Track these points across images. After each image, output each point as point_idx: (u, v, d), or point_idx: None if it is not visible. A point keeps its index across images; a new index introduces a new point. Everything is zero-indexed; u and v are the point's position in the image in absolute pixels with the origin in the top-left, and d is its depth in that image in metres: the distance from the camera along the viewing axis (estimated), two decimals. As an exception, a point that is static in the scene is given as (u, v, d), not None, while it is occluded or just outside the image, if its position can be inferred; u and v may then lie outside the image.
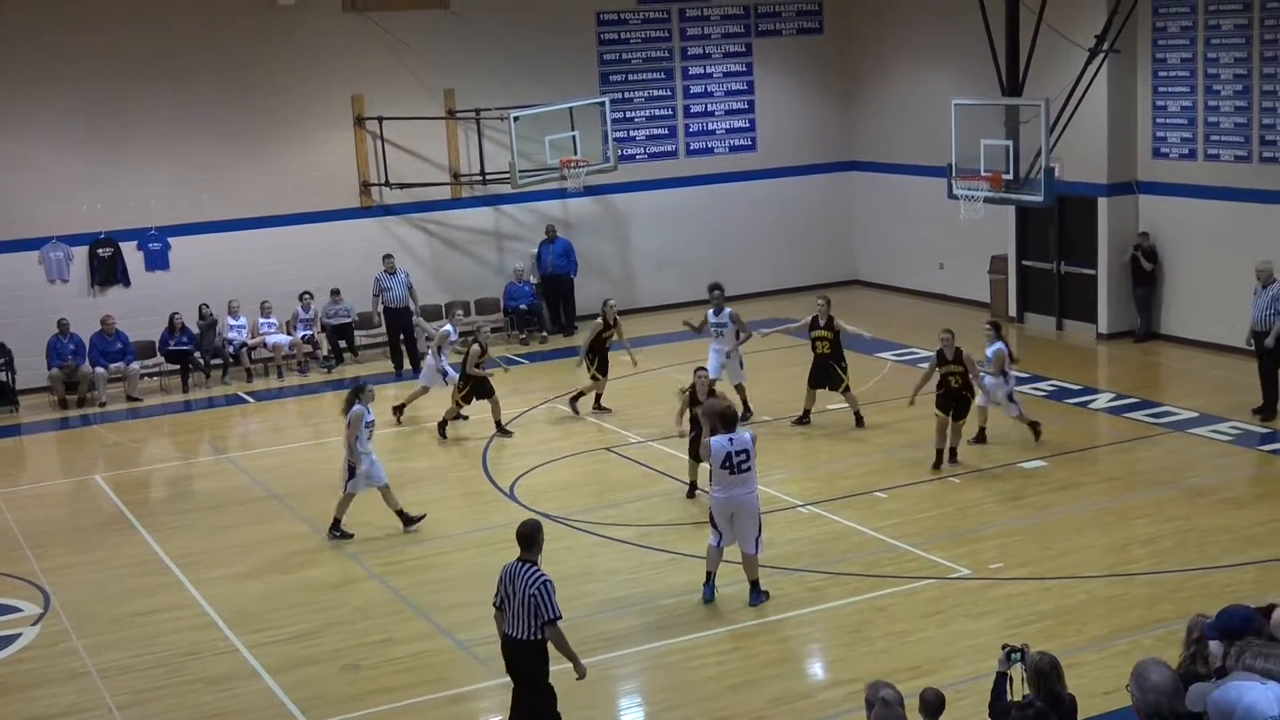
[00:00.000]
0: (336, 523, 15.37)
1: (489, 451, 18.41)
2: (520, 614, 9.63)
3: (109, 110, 22.88)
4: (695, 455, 15.31)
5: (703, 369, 16.03)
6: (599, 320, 19.57)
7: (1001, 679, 7.88)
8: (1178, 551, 13.76)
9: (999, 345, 16.94)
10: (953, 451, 16.70)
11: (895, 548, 14.18)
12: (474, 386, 18.80)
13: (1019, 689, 7.90)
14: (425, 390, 19.83)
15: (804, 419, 18.69)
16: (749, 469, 12.63)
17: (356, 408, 14.94)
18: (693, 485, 15.82)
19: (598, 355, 19.54)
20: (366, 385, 15.54)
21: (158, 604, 13.81)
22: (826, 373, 18.46)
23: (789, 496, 15.65)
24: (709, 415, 13.19)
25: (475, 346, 18.78)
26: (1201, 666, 7.25)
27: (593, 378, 19.59)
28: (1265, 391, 18.04)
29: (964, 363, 16.42)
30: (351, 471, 15.09)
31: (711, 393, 15.32)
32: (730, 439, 12.66)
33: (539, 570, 9.74)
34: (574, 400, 19.81)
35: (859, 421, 18.43)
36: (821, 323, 18.39)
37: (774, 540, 14.01)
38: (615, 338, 19.67)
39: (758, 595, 12.94)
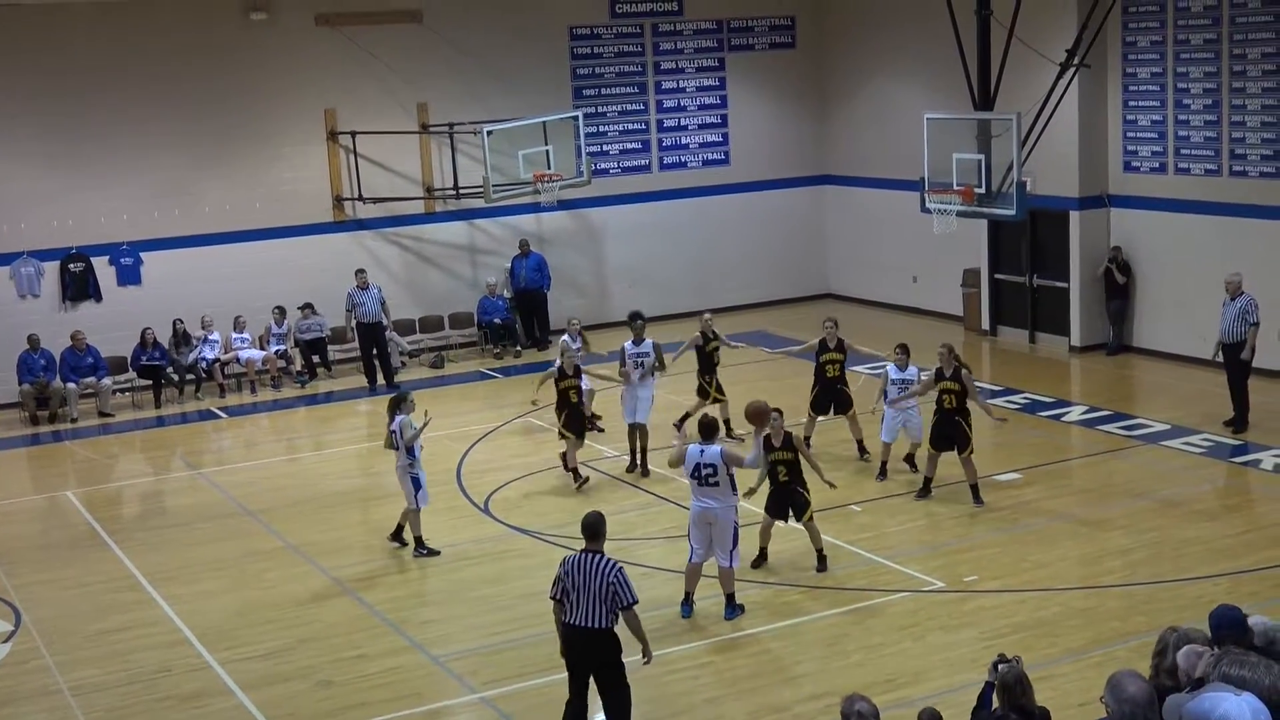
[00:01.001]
0: (419, 540, 15.01)
1: (463, 466, 18.26)
2: (594, 604, 9.80)
3: (81, 124, 22.72)
4: (776, 514, 14.04)
5: (778, 411, 13.70)
6: (697, 335, 18.33)
7: (989, 689, 7.81)
8: (1151, 563, 13.76)
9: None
10: (974, 489, 15.71)
11: (870, 561, 14.13)
12: (568, 418, 17.00)
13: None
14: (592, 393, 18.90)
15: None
16: (716, 483, 12.60)
17: (401, 417, 14.74)
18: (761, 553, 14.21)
19: (711, 374, 18.24)
20: (408, 394, 15.35)
21: (130, 621, 13.69)
22: (835, 397, 17.37)
23: (763, 510, 15.38)
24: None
25: (552, 370, 17.46)
26: (1168, 680, 7.21)
27: (714, 400, 18.07)
28: (1236, 404, 18.03)
29: (961, 381, 15.43)
30: (416, 484, 14.82)
31: (788, 436, 13.79)
32: (702, 449, 12.67)
33: (609, 558, 9.93)
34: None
35: (862, 451, 17.41)
36: (831, 345, 17.28)
37: (749, 554, 13.92)
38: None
39: (733, 609, 12.88)
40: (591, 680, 10.17)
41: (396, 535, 15.32)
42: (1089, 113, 22.21)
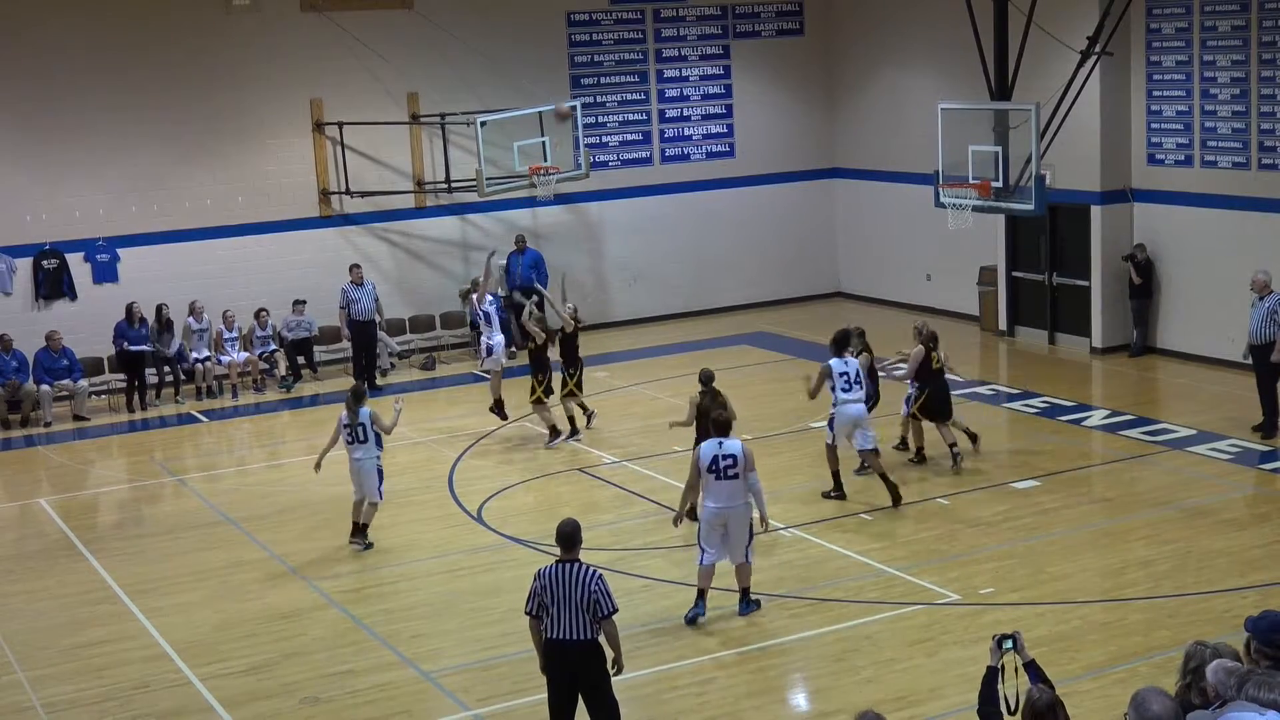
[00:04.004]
0: (364, 529, 15.43)
1: (455, 472, 18.05)
2: (578, 615, 9.72)
3: (54, 115, 22.45)
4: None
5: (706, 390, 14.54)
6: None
7: (993, 674, 7.66)
8: (1176, 575, 13.60)
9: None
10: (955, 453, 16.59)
11: (882, 572, 14.01)
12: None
13: (1011, 680, 7.82)
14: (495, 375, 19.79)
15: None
16: (735, 475, 12.64)
17: (365, 410, 15.22)
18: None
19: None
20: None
21: (106, 634, 13.54)
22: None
23: (770, 519, 14.99)
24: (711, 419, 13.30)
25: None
26: (1197, 698, 7.08)
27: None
28: (1265, 408, 17.84)
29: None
30: (381, 475, 15.32)
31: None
32: (720, 443, 12.77)
33: (588, 566, 9.86)
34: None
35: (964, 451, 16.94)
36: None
37: (756, 565, 13.81)
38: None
39: (748, 604, 12.92)
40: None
41: (359, 533, 15.32)
42: (1111, 103, 22.07)
